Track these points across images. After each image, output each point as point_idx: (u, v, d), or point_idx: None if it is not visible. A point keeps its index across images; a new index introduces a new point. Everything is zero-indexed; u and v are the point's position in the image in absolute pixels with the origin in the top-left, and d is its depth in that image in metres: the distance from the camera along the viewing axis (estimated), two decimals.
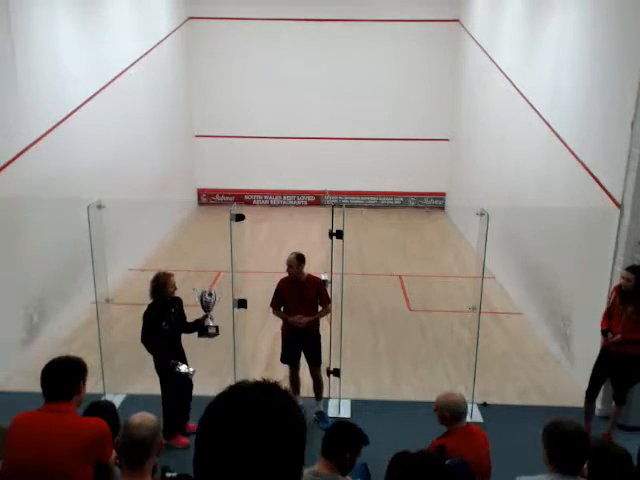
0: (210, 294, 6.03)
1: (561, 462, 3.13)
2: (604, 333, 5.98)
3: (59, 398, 3.31)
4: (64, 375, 3.36)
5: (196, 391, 6.15)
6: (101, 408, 3.82)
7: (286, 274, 6.37)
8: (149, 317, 5.80)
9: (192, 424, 6.13)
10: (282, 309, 6.42)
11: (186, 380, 5.90)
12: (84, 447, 3.19)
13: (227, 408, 1.28)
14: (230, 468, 1.23)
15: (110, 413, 3.75)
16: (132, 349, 7.96)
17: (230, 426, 1.24)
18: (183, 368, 5.79)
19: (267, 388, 1.32)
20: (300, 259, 6.26)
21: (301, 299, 6.28)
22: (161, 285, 5.79)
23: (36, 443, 3.20)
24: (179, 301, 5.99)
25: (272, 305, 6.45)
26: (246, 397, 1.29)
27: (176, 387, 5.89)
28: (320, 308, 6.43)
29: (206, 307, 6.04)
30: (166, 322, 5.77)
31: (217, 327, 6.10)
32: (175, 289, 5.89)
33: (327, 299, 6.44)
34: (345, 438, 3.69)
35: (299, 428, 1.29)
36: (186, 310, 6.09)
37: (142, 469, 2.98)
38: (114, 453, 3.31)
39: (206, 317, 6.03)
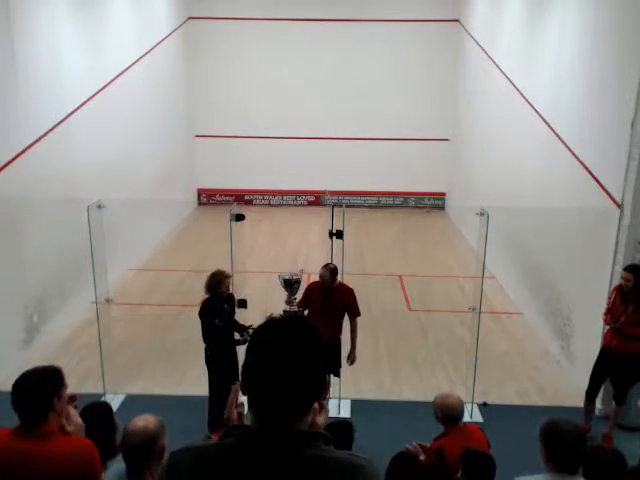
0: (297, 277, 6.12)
1: (559, 461, 3.13)
2: (611, 322, 5.88)
3: (34, 420, 3.02)
4: (33, 394, 3.02)
5: (195, 391, 6.16)
6: (97, 410, 3.73)
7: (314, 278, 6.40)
8: (203, 317, 5.91)
9: None
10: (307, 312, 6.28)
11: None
12: (69, 474, 2.99)
13: (265, 332, 1.67)
14: (266, 374, 1.60)
15: (105, 415, 3.66)
16: (132, 349, 8.01)
17: (267, 344, 1.65)
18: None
19: (296, 319, 1.75)
20: (333, 274, 6.20)
21: (327, 307, 6.15)
22: (215, 283, 5.91)
23: (17, 478, 2.96)
24: (231, 298, 6.15)
25: (298, 304, 6.26)
26: (280, 324, 1.67)
27: (223, 382, 5.86)
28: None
29: (291, 288, 6.02)
30: (219, 319, 5.87)
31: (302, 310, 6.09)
32: (228, 290, 5.97)
33: (357, 311, 6.35)
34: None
35: (318, 348, 1.59)
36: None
37: (144, 473, 2.96)
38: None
39: (292, 302, 6.02)
